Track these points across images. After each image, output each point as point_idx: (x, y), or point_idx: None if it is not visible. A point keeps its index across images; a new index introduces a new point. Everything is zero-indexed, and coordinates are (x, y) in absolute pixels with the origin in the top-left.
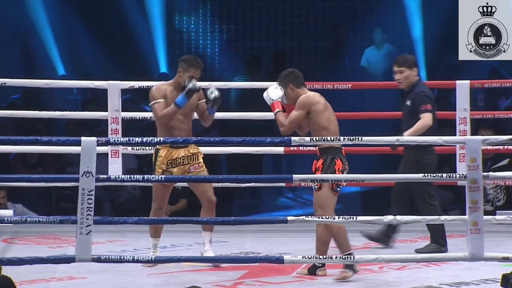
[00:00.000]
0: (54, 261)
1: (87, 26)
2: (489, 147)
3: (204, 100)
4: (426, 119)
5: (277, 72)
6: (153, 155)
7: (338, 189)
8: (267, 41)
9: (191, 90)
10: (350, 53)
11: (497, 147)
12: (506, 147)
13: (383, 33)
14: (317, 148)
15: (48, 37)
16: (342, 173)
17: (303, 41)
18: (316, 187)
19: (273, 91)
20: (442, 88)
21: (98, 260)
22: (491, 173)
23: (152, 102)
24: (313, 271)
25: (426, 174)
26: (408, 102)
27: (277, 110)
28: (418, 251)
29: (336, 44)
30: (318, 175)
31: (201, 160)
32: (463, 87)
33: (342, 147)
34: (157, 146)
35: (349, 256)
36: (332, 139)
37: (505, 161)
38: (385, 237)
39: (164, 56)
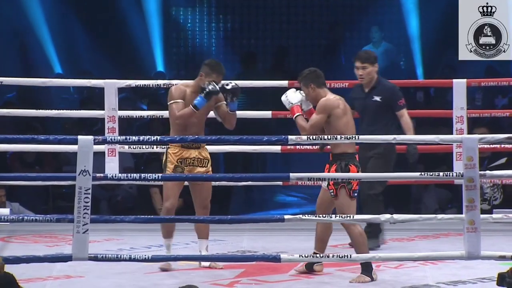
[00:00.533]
0: (51, 259)
1: (84, 24)
2: (485, 146)
3: (224, 102)
4: (406, 115)
5: (276, 69)
6: (164, 155)
7: (355, 194)
8: (264, 39)
9: (210, 92)
10: (346, 51)
11: (493, 145)
12: (503, 145)
13: (380, 31)
14: (330, 153)
15: (45, 35)
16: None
17: (300, 39)
18: (332, 194)
19: (293, 95)
20: (439, 86)
21: (95, 258)
22: (488, 171)
23: (171, 102)
24: (310, 266)
25: (422, 173)
26: (378, 98)
27: (297, 114)
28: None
29: (333, 42)
30: (315, 174)
31: (210, 169)
32: (460, 85)
33: (357, 153)
34: (169, 145)
35: (366, 265)
36: (329, 138)
37: (503, 160)
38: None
39: (160, 55)
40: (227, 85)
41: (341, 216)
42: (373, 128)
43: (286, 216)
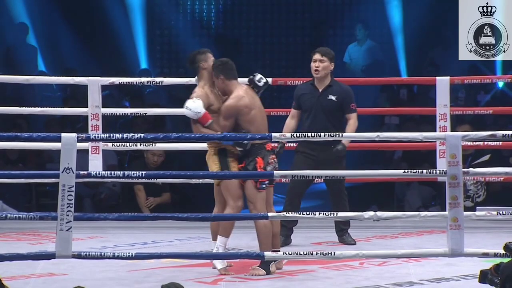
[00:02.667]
0: (34, 257)
1: (67, 22)
2: (468, 143)
3: None
4: (356, 119)
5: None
6: (217, 153)
7: (264, 186)
8: (248, 37)
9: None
10: (335, 50)
11: (477, 143)
12: (486, 143)
13: (365, 30)
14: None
15: (28, 33)
16: (265, 169)
17: (283, 36)
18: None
19: (195, 105)
20: (422, 84)
21: (78, 256)
22: (471, 169)
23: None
24: (265, 265)
25: (406, 170)
26: (333, 97)
27: (210, 121)
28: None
29: (316, 40)
30: (300, 172)
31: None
32: (443, 83)
33: (266, 144)
34: (223, 145)
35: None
36: (313, 135)
37: (486, 157)
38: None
39: (144, 52)
40: (258, 81)
41: (324, 213)
42: (326, 126)
43: (270, 214)
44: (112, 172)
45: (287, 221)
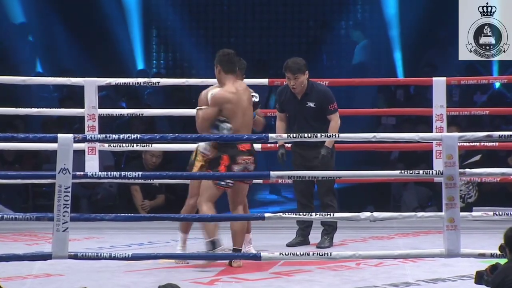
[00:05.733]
0: (31, 258)
1: (64, 23)
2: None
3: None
4: (337, 119)
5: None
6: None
7: (223, 183)
8: (244, 37)
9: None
10: (328, 50)
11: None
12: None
13: (360, 32)
14: None
15: (25, 34)
16: (228, 169)
17: (279, 37)
18: None
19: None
20: (419, 85)
21: (75, 257)
22: (467, 170)
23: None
24: (229, 262)
25: (402, 171)
26: (312, 104)
27: (198, 108)
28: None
29: (314, 41)
30: (296, 172)
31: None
32: (439, 83)
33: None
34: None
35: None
36: (309, 135)
37: (477, 157)
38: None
39: (141, 53)
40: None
41: (321, 214)
42: (310, 131)
43: (266, 214)
44: (109, 173)
45: (299, 221)
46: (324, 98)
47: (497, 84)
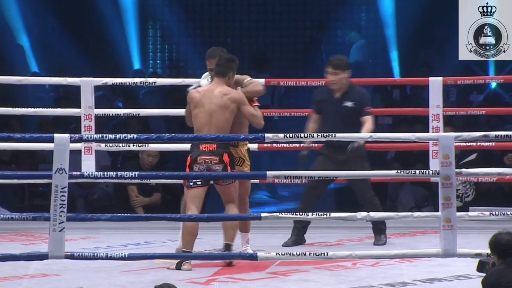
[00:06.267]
0: (27, 258)
1: (60, 22)
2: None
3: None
4: (371, 122)
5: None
6: (246, 155)
7: (191, 183)
8: (241, 37)
9: None
10: (327, 50)
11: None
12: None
13: (356, 32)
14: None
15: (21, 34)
16: (191, 168)
17: (276, 37)
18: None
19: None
20: (415, 84)
21: (71, 257)
22: (464, 169)
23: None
24: (179, 264)
25: (399, 171)
26: (350, 103)
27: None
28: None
29: (313, 41)
30: (292, 172)
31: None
32: (436, 83)
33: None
34: (248, 147)
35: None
36: (306, 136)
37: (473, 156)
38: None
39: (137, 53)
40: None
41: (317, 214)
42: (344, 132)
43: (263, 214)
44: (105, 173)
45: (298, 220)
46: (363, 99)
47: (493, 84)
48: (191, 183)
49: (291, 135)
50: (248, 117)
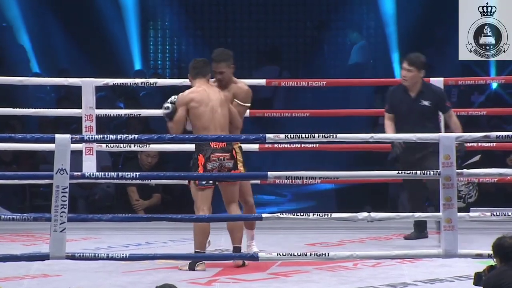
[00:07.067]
0: (28, 258)
1: (61, 23)
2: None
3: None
4: (454, 115)
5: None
6: (239, 153)
7: (203, 182)
8: (241, 37)
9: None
10: (329, 50)
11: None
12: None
13: (357, 33)
14: None
15: (22, 34)
16: (205, 167)
17: (276, 37)
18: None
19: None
20: None
21: (72, 257)
22: (465, 170)
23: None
24: (192, 265)
25: (400, 171)
26: (427, 102)
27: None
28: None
29: (315, 42)
30: (293, 172)
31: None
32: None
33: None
34: (240, 145)
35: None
36: (307, 136)
37: (477, 157)
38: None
39: (138, 53)
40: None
41: (318, 214)
42: (424, 131)
43: (264, 215)
44: (106, 173)
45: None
46: (440, 97)
47: (494, 85)
48: (204, 182)
49: (292, 135)
50: (233, 115)
